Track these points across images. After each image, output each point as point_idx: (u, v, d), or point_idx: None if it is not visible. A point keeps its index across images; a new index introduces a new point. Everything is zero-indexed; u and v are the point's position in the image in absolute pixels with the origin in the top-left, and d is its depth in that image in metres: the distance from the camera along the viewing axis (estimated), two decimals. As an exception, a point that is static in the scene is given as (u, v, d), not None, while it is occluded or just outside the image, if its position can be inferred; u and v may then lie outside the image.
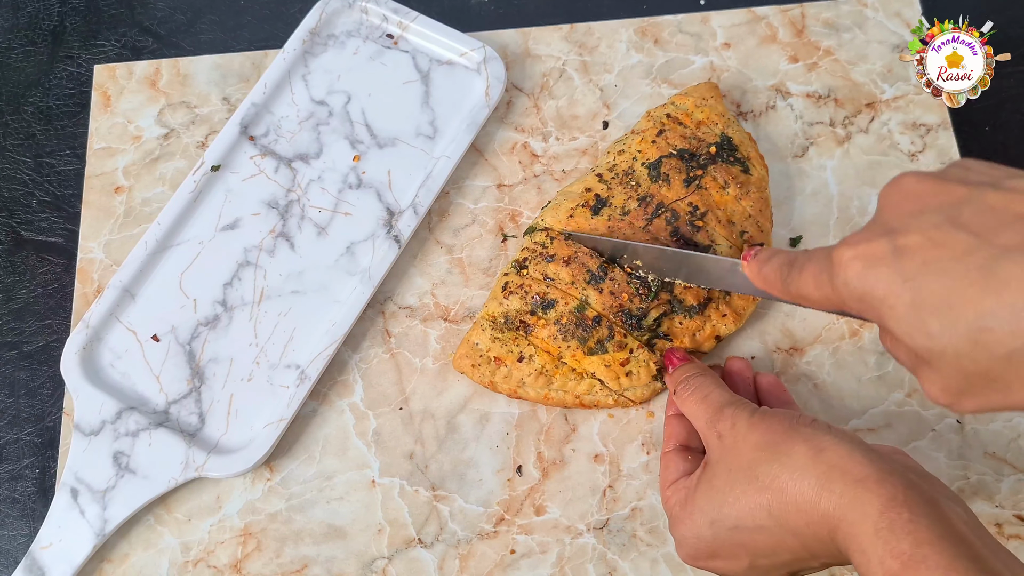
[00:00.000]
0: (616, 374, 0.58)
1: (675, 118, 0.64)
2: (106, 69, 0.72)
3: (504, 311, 0.59)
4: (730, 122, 0.64)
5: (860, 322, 0.62)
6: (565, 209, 0.62)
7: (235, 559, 0.57)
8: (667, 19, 0.72)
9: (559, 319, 0.58)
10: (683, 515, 0.49)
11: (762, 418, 0.47)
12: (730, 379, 0.57)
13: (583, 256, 0.59)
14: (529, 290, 0.59)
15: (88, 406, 0.58)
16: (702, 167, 0.61)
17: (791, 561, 0.45)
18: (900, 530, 0.38)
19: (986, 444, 0.59)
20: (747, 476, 0.45)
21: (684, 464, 0.52)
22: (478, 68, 0.69)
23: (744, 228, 0.60)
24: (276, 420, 0.58)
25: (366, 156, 0.67)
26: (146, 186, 0.67)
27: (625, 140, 0.64)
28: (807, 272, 0.43)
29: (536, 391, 0.58)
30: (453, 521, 0.58)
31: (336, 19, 0.71)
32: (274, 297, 0.62)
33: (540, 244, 0.60)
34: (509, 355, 0.58)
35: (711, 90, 0.66)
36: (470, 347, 0.59)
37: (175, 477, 0.57)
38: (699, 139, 0.62)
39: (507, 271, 0.61)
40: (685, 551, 0.49)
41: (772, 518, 0.43)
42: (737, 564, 0.47)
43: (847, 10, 0.71)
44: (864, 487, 0.40)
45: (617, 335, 0.58)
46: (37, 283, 0.66)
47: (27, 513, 0.60)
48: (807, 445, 0.44)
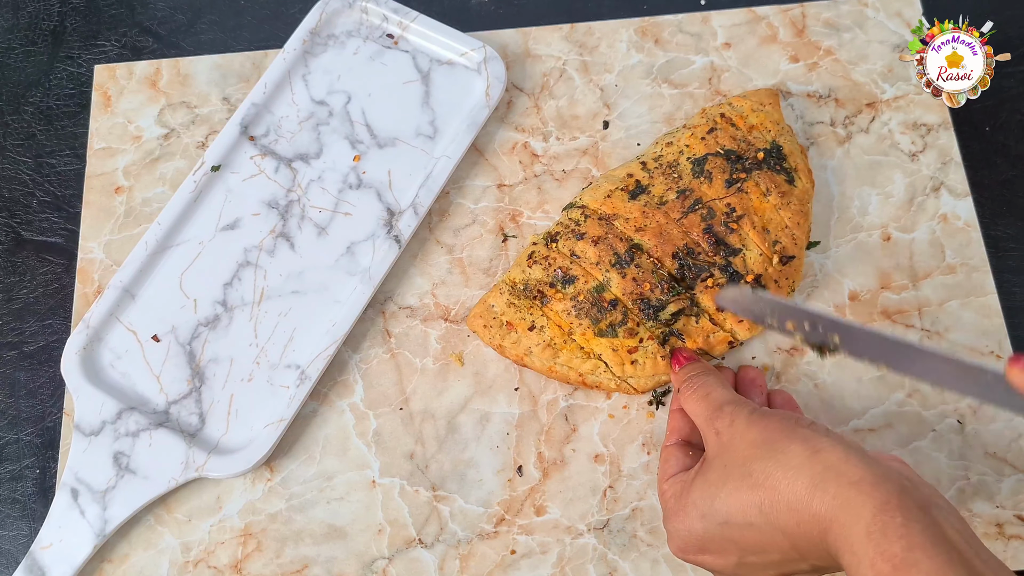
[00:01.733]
0: (622, 360, 0.58)
1: (728, 119, 0.64)
2: (106, 69, 0.72)
3: (525, 278, 0.60)
4: (784, 131, 0.64)
5: (861, 322, 0.62)
6: (604, 190, 0.62)
7: (235, 559, 0.57)
8: (667, 19, 0.72)
9: (576, 295, 0.58)
10: (677, 508, 0.49)
11: (761, 417, 0.48)
12: (743, 388, 0.57)
13: (613, 238, 0.59)
14: (553, 263, 0.60)
15: (88, 406, 0.58)
16: (746, 171, 0.61)
17: (780, 561, 0.45)
18: (892, 534, 0.38)
19: (987, 444, 0.59)
20: (741, 472, 0.45)
21: (684, 459, 0.52)
22: (478, 68, 0.69)
23: (778, 238, 0.60)
24: (276, 420, 0.58)
25: (366, 156, 0.67)
26: (146, 186, 0.67)
27: (675, 133, 0.65)
28: None
29: (541, 362, 0.59)
30: (453, 521, 0.58)
31: (336, 19, 0.71)
32: (274, 297, 0.62)
33: (574, 221, 0.61)
34: (521, 322, 0.59)
35: (770, 96, 0.66)
36: (485, 307, 0.60)
37: (175, 477, 0.57)
38: (749, 143, 0.63)
39: (536, 240, 0.62)
40: (676, 544, 0.49)
41: (763, 515, 0.44)
42: (725, 560, 0.47)
43: (847, 10, 0.71)
44: (858, 489, 0.40)
45: (630, 322, 0.58)
46: (37, 283, 0.66)
47: (27, 513, 0.60)
48: (804, 445, 0.44)
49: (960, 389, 0.45)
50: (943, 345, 0.61)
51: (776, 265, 0.59)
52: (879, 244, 0.64)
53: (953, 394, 0.48)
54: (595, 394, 0.60)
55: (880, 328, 0.54)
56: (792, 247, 0.60)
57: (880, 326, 0.62)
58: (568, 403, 0.60)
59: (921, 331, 0.62)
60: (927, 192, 0.65)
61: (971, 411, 0.59)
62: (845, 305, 0.62)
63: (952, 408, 0.59)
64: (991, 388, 0.43)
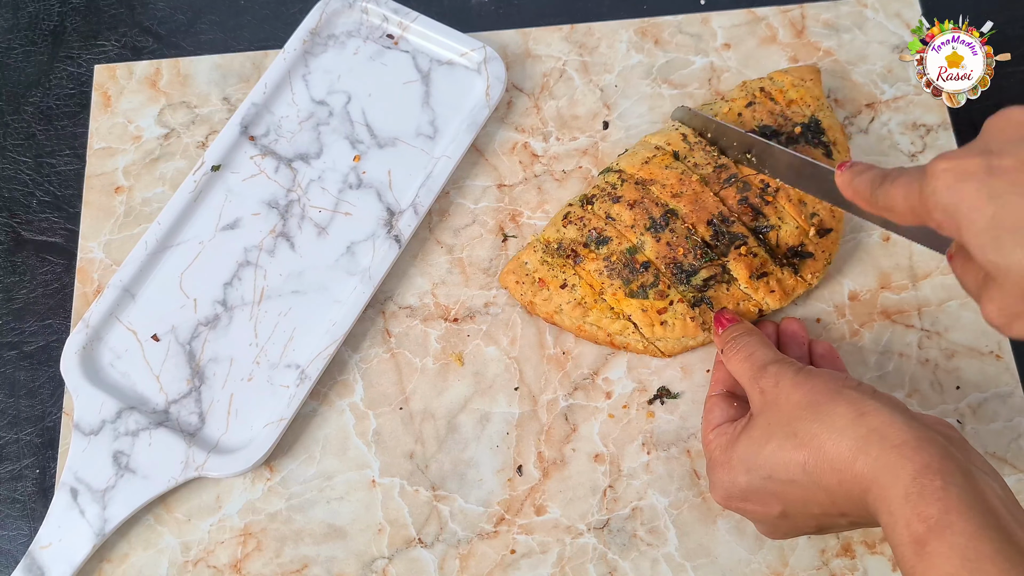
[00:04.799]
0: (651, 321, 0.58)
1: (768, 93, 0.65)
2: (106, 69, 0.72)
3: (559, 237, 0.61)
4: (823, 107, 0.65)
5: (860, 322, 0.62)
6: (641, 156, 0.63)
7: (235, 559, 0.57)
8: (667, 19, 0.72)
9: (609, 256, 0.59)
10: (723, 459, 0.50)
11: (807, 377, 0.48)
12: (784, 341, 0.58)
13: (649, 203, 0.60)
14: (588, 223, 0.61)
15: (88, 406, 0.58)
16: (783, 146, 0.61)
17: (820, 514, 0.46)
18: (930, 496, 0.39)
19: (986, 444, 0.59)
20: (786, 432, 0.46)
21: (729, 410, 0.54)
22: (478, 68, 0.69)
23: (816, 211, 0.61)
24: (276, 420, 0.58)
25: (366, 156, 0.67)
26: (146, 186, 0.67)
27: (714, 105, 0.65)
28: (898, 184, 0.43)
29: (571, 320, 0.60)
30: (453, 521, 0.58)
31: (336, 19, 0.71)
32: (274, 297, 0.62)
33: (611, 184, 0.62)
34: (554, 280, 0.60)
35: (812, 73, 0.66)
36: (518, 264, 0.61)
37: (175, 477, 0.57)
38: (787, 118, 0.63)
39: (572, 202, 0.63)
40: (720, 493, 0.51)
41: (806, 474, 0.45)
42: (768, 510, 0.48)
43: (847, 11, 0.71)
44: (900, 452, 0.41)
45: (662, 284, 0.59)
46: (37, 283, 0.66)
47: (27, 513, 0.60)
48: (850, 407, 0.45)
49: (817, 193, 0.57)
50: (943, 345, 0.61)
51: (813, 237, 0.60)
52: (879, 244, 0.64)
53: (815, 196, 0.58)
54: (595, 394, 0.61)
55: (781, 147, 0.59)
56: (830, 220, 0.61)
57: (880, 325, 0.62)
58: (568, 403, 0.60)
59: (921, 331, 0.62)
60: (927, 192, 0.65)
61: (971, 411, 0.59)
62: (845, 305, 0.62)
63: (952, 408, 0.59)
64: (831, 186, 0.52)
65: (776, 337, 0.59)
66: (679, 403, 0.60)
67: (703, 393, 0.60)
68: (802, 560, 0.56)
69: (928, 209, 0.41)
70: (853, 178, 0.48)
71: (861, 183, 0.47)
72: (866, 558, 0.56)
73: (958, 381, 0.60)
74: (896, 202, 0.43)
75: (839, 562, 0.56)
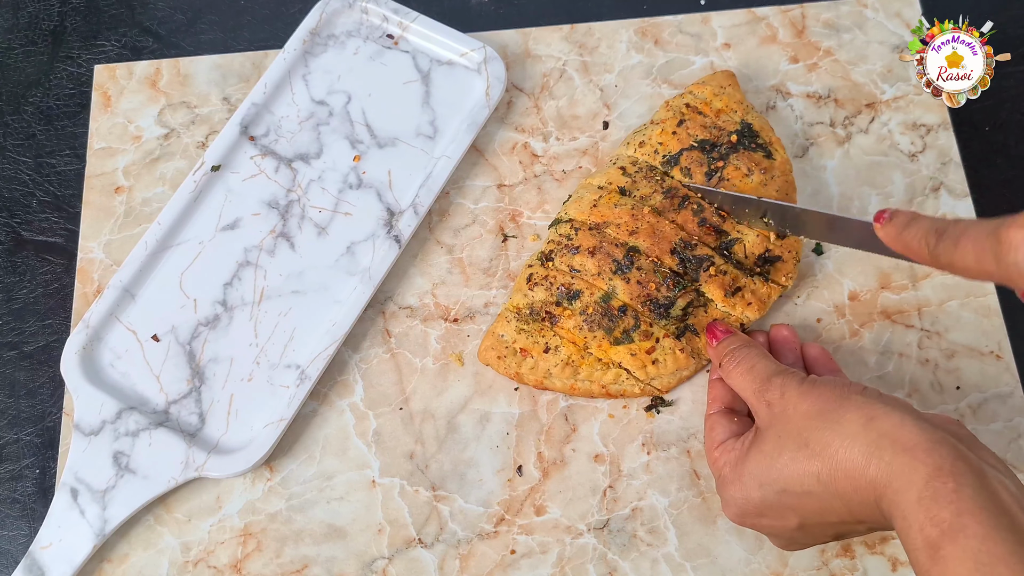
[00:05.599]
0: (643, 363, 0.58)
1: (694, 108, 0.64)
2: (106, 69, 0.72)
3: (529, 302, 0.60)
4: (748, 109, 0.64)
5: (860, 322, 0.62)
6: (588, 200, 0.62)
7: (235, 559, 0.57)
8: (667, 19, 0.72)
9: (585, 309, 0.58)
10: (733, 476, 0.50)
11: (812, 386, 0.48)
12: (776, 347, 0.58)
13: (608, 246, 0.59)
14: (554, 281, 0.59)
15: (88, 406, 0.58)
16: (723, 157, 0.61)
17: (837, 523, 0.46)
18: (943, 499, 0.39)
19: (986, 444, 0.58)
20: (796, 443, 0.46)
21: (731, 426, 0.53)
22: (478, 68, 0.69)
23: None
24: (276, 420, 0.58)
25: (366, 156, 0.67)
26: (146, 186, 0.67)
27: (645, 131, 0.64)
28: (965, 246, 0.43)
29: (563, 382, 0.59)
30: (453, 521, 0.58)
31: (336, 19, 0.71)
32: (274, 297, 0.62)
33: (565, 236, 0.61)
34: (535, 346, 0.58)
35: (728, 78, 0.66)
36: (495, 339, 0.59)
37: (175, 477, 0.57)
38: (719, 128, 0.63)
39: (531, 263, 0.61)
40: (733, 511, 0.50)
41: (821, 484, 0.44)
42: (785, 523, 0.48)
43: (847, 10, 0.71)
44: (912, 456, 0.41)
45: (643, 324, 0.58)
46: (37, 283, 0.66)
47: (27, 513, 0.60)
48: (859, 413, 0.44)
49: (850, 244, 0.54)
50: (943, 345, 0.61)
51: (775, 241, 0.60)
52: (879, 244, 0.64)
53: (848, 246, 0.55)
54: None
55: (808, 207, 0.58)
56: None
57: (881, 326, 0.62)
58: (568, 403, 0.60)
59: (921, 331, 0.62)
60: (927, 192, 0.66)
61: (971, 411, 0.59)
62: (845, 305, 0.62)
63: (952, 408, 0.60)
64: (871, 239, 0.50)
65: (767, 345, 0.59)
66: (679, 403, 0.60)
67: (702, 393, 0.60)
68: (802, 560, 0.56)
69: (1011, 277, 0.41)
70: (900, 232, 0.46)
71: (913, 238, 0.46)
72: (866, 558, 0.56)
73: (958, 381, 0.60)
74: (968, 264, 0.43)
75: (839, 562, 0.56)
